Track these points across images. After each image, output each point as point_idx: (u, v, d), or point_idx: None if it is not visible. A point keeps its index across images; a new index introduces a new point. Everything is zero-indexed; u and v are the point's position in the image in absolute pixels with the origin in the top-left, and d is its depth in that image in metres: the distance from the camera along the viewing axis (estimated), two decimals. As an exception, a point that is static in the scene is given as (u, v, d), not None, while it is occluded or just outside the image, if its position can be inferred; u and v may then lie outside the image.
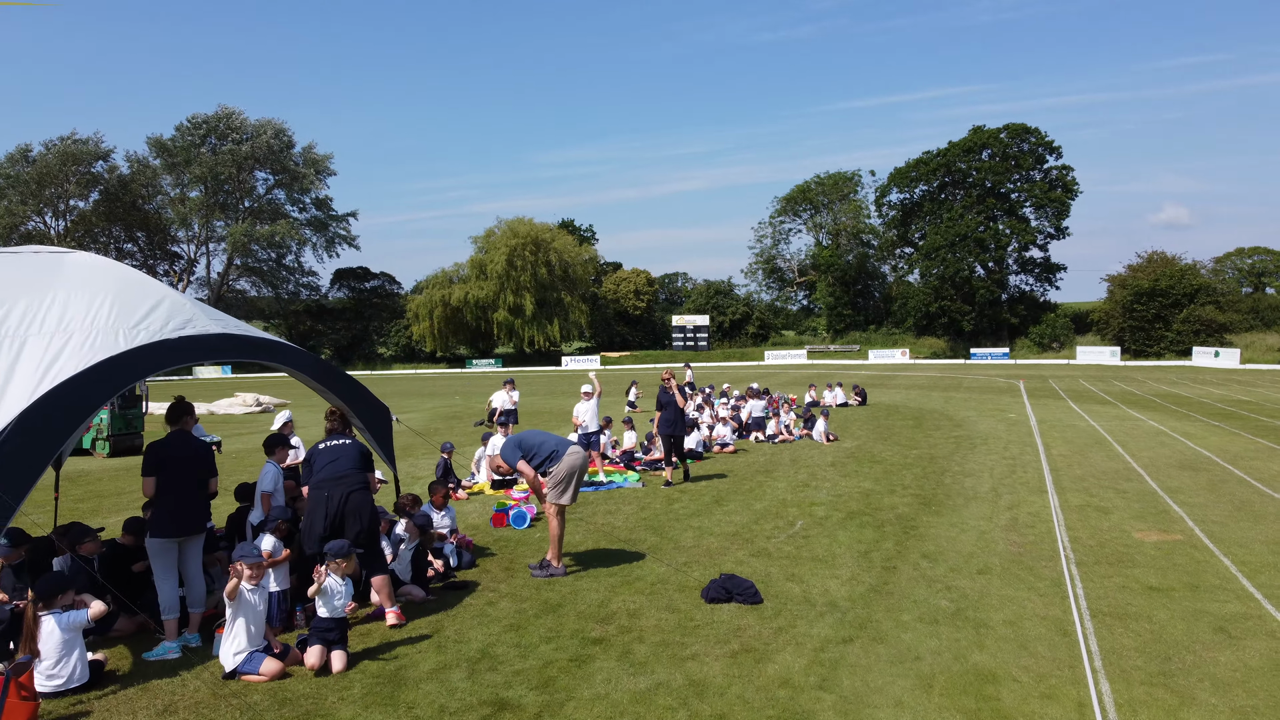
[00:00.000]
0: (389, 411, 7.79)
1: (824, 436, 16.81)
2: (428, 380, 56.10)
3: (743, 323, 79.15)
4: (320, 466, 6.32)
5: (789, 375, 46.62)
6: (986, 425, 19.43)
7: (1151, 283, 54.43)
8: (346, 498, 6.15)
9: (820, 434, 16.88)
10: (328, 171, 78.26)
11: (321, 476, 6.24)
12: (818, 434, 16.98)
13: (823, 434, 16.85)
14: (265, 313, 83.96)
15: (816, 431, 17.05)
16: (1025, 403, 26.02)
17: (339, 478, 6.22)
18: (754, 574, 7.29)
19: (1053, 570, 7.33)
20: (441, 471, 11.48)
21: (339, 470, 6.27)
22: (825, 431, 16.88)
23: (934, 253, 64.24)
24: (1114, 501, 10.32)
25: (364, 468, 6.43)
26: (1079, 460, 13.71)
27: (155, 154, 73.61)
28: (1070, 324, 63.34)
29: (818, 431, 17.01)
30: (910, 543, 8.40)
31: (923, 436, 17.47)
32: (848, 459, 14.41)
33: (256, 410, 30.86)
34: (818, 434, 16.98)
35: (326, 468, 6.29)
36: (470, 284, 72.19)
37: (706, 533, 9.04)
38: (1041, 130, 64.44)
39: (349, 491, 6.18)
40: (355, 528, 6.15)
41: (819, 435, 16.93)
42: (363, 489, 6.28)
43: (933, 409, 24.44)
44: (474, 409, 28.32)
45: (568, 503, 7.40)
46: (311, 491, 6.25)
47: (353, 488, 6.21)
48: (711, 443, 15.74)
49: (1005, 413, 22.66)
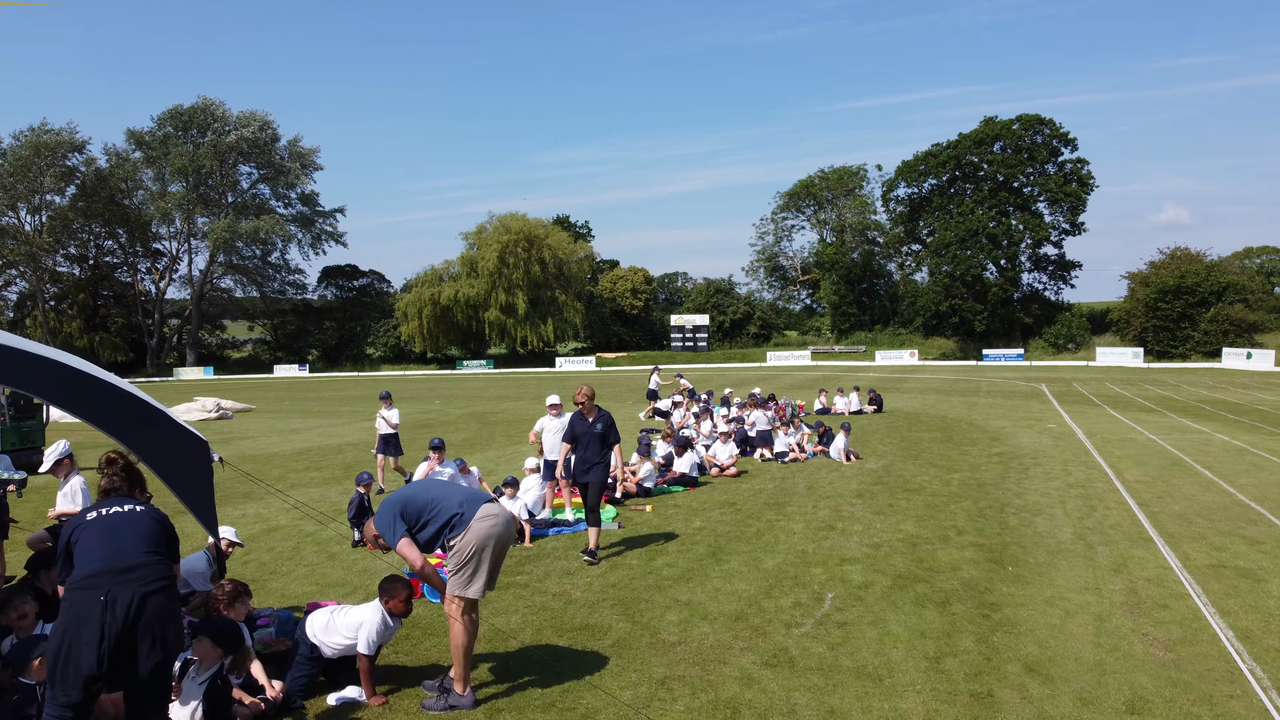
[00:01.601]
0: (206, 447, 5.06)
1: (843, 455, 14.08)
2: (412, 383, 53.42)
3: (744, 322, 76.37)
4: (88, 550, 3.62)
5: (793, 378, 43.90)
6: (1028, 439, 16.72)
7: (1177, 280, 51.47)
8: (139, 604, 3.48)
9: (839, 451, 14.14)
10: (314, 166, 75.55)
11: (91, 569, 3.54)
12: (836, 451, 14.24)
13: (842, 452, 14.11)
14: (250, 312, 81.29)
15: (835, 449, 14.31)
16: (1059, 410, 23.31)
17: (122, 570, 3.52)
18: (771, 706, 4.60)
19: (1244, 699, 4.63)
20: (355, 511, 8.79)
21: (122, 557, 3.57)
22: (845, 449, 14.14)
23: (944, 249, 61.44)
24: (1254, 558, 7.61)
25: (164, 551, 3.75)
26: (1166, 490, 10.99)
27: (134, 147, 70.88)
28: (1087, 324, 60.54)
29: (836, 449, 14.26)
30: (999, 638, 5.69)
31: (959, 454, 14.75)
32: (876, 485, 11.69)
33: (213, 416, 28.19)
34: (836, 451, 14.24)
35: (100, 552, 3.60)
36: (461, 282, 69.48)
37: (698, 613, 6.33)
38: (1056, 122, 61.73)
39: (143, 593, 3.49)
40: (152, 657, 3.48)
41: (837, 453, 14.19)
42: (163, 589, 3.59)
43: (957, 417, 21.73)
44: (450, 417, 25.61)
45: (478, 595, 4.69)
46: (73, 594, 3.52)
47: (148, 587, 3.52)
48: (709, 464, 13.02)
49: (1043, 422, 19.95)
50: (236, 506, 10.83)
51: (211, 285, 77.58)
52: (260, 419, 27.50)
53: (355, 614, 5.03)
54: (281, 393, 44.34)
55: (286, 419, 27.18)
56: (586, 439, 8.02)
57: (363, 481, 8.93)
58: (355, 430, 21.95)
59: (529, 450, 12.86)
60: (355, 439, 19.71)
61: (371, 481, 9.14)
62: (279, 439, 20.53)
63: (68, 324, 71.68)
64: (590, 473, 7.99)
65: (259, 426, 24.72)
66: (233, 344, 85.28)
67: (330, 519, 9.87)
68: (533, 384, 46.31)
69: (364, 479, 8.97)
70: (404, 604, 4.92)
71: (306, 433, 22.10)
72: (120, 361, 72.87)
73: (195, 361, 74.74)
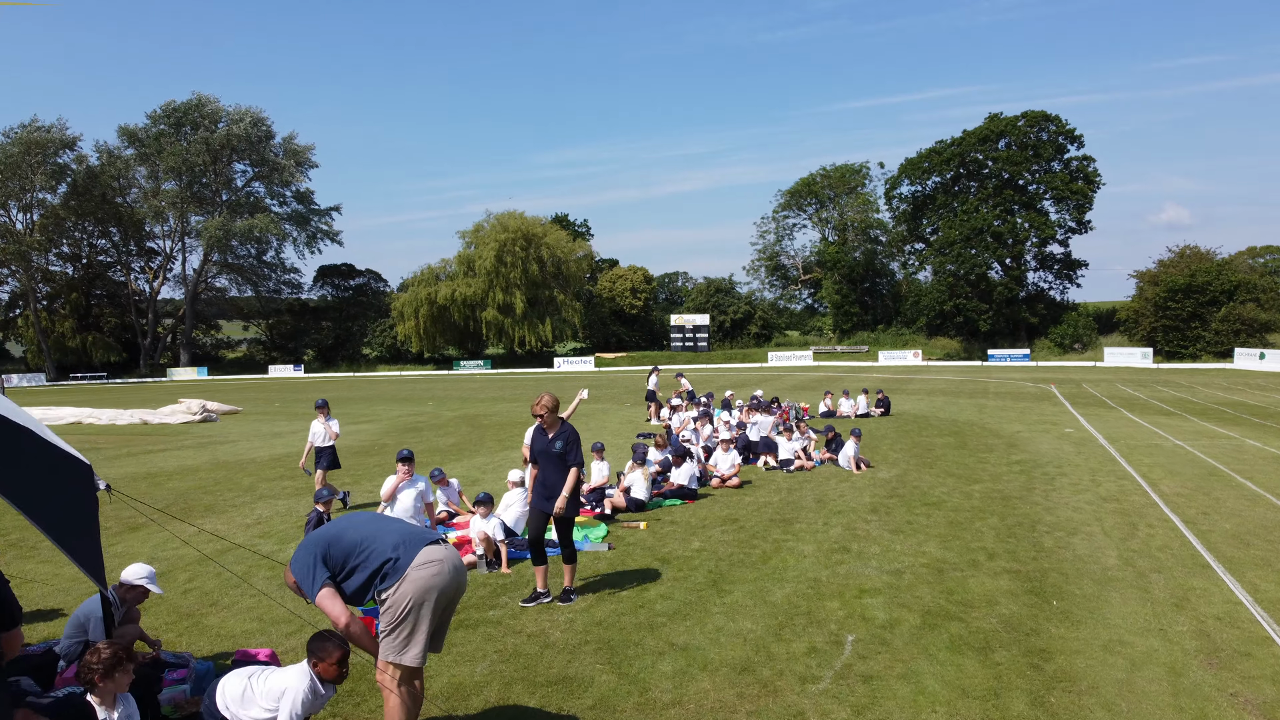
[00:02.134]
0: (91, 473, 4.11)
1: (853, 463, 13.12)
2: (408, 384, 52.49)
3: (745, 322, 75.39)
4: None
5: (795, 379, 42.97)
6: (1048, 445, 15.77)
7: (1187, 278, 50.37)
8: None
9: (849, 460, 13.19)
10: (309, 163, 74.55)
11: None
12: (845, 459, 13.29)
13: (851, 460, 13.16)
14: (245, 312, 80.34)
15: (844, 456, 13.35)
16: (1073, 413, 22.37)
17: None
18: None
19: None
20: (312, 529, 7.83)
21: None
22: (855, 456, 13.19)
23: (948, 247, 60.43)
24: (1332, 590, 6.66)
25: None
26: (1210, 504, 10.04)
27: (126, 144, 69.88)
28: (1094, 324, 59.52)
29: (845, 456, 13.31)
30: (1057, 698, 4.74)
31: (975, 461, 13.80)
32: (891, 498, 10.74)
33: (196, 419, 27.24)
34: (845, 459, 13.29)
35: None
36: (458, 281, 68.50)
37: (697, 661, 5.39)
38: (1062, 118, 60.73)
39: None
40: None
41: (847, 461, 13.24)
42: None
43: (968, 420, 20.79)
44: (442, 420, 24.66)
45: (415, 662, 3.74)
46: None
47: None
48: (709, 475, 12.07)
49: (1059, 426, 19.00)
50: (200, 519, 9.88)
51: (206, 285, 76.61)
52: (245, 422, 26.57)
53: (278, 679, 4.09)
54: (274, 394, 43.40)
55: (272, 422, 26.23)
56: (545, 458, 6.61)
57: (322, 499, 7.99)
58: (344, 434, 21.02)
59: (520, 459, 11.91)
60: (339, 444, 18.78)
61: (332, 498, 8.20)
62: (260, 443, 19.60)
63: (60, 324, 70.71)
64: (551, 500, 6.57)
65: (242, 430, 23.79)
66: (227, 344, 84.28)
67: (292, 539, 8.94)
68: (530, 385, 45.39)
69: (323, 495, 8.03)
70: (337, 668, 3.97)
71: (289, 436, 21.16)
72: (113, 362, 71.96)
73: (189, 362, 73.77)
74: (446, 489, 10.05)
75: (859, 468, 13.09)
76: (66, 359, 71.22)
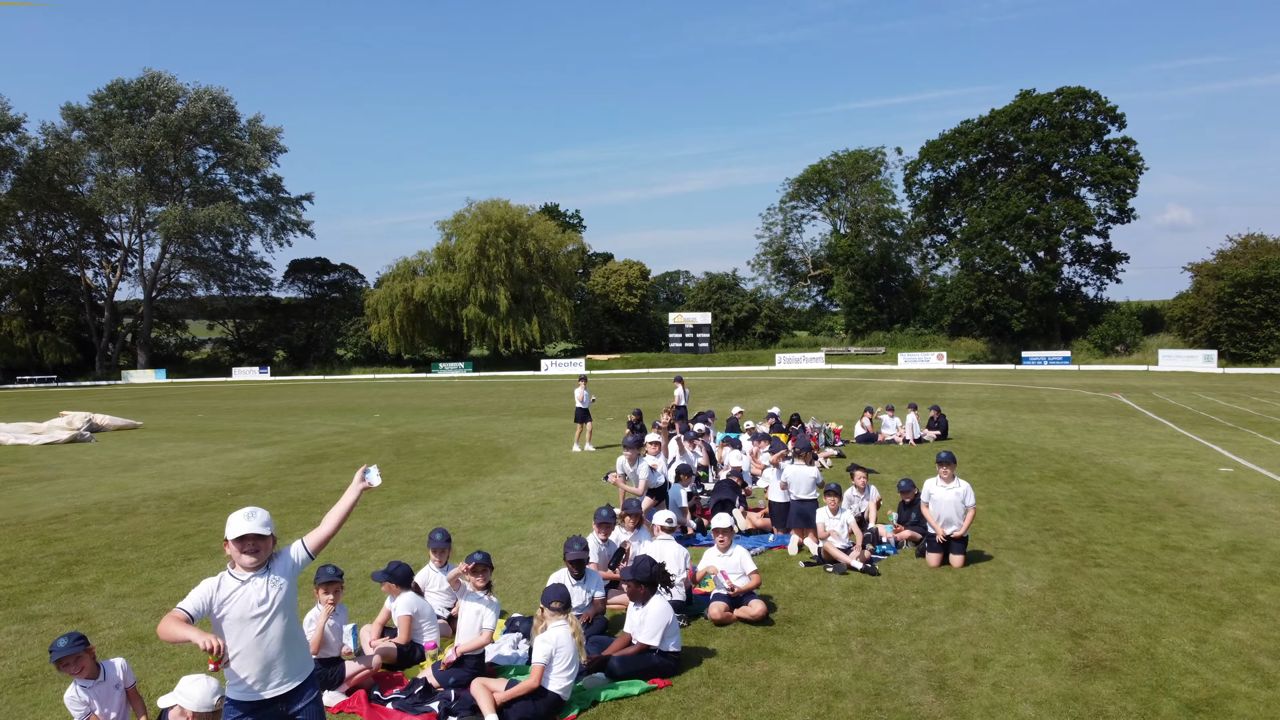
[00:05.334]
0: None
1: (944, 552, 7.35)
2: (374, 388, 46.72)
3: (749, 321, 69.47)
4: None
5: (808, 385, 36.99)
6: (1226, 498, 10.04)
7: (1256, 271, 44.10)
8: None
9: (933, 546, 7.42)
10: (277, 148, 68.75)
11: None
12: (935, 546, 7.51)
13: (957, 556, 7.39)
14: (210, 310, 74.67)
15: (932, 541, 7.55)
16: (1186, 434, 16.63)
17: None
18: None
19: None
20: None
21: None
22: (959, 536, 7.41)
23: (975, 238, 54.41)
24: None
25: None
26: None
27: (73, 125, 64.24)
28: (1139, 323, 53.52)
29: (934, 541, 7.52)
30: None
31: (1153, 544, 8.05)
32: (1085, 674, 4.98)
33: (63, 439, 21.58)
34: (935, 546, 7.51)
35: None
36: (436, 276, 62.72)
37: None
38: (1101, 95, 54.77)
39: None
40: None
41: (932, 554, 7.46)
42: None
43: (1060, 450, 15.06)
44: (371, 441, 18.86)
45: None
46: None
47: None
48: (712, 577, 6.28)
49: (1194, 459, 13.24)
50: None
51: (167, 280, 70.96)
52: (128, 442, 20.99)
53: None
54: (222, 400, 37.74)
55: (165, 441, 20.65)
56: None
57: None
58: (225, 464, 15.34)
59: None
60: (195, 483, 13.07)
61: None
62: (93, 480, 14.09)
63: (8, 322, 65.12)
64: None
65: (107, 455, 18.32)
66: (191, 345, 78.61)
67: None
68: (509, 390, 39.65)
69: None
70: None
71: (157, 465, 15.72)
72: (66, 363, 66.39)
73: (148, 364, 68.11)
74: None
75: (955, 558, 7.31)
76: (15, 359, 65.65)
